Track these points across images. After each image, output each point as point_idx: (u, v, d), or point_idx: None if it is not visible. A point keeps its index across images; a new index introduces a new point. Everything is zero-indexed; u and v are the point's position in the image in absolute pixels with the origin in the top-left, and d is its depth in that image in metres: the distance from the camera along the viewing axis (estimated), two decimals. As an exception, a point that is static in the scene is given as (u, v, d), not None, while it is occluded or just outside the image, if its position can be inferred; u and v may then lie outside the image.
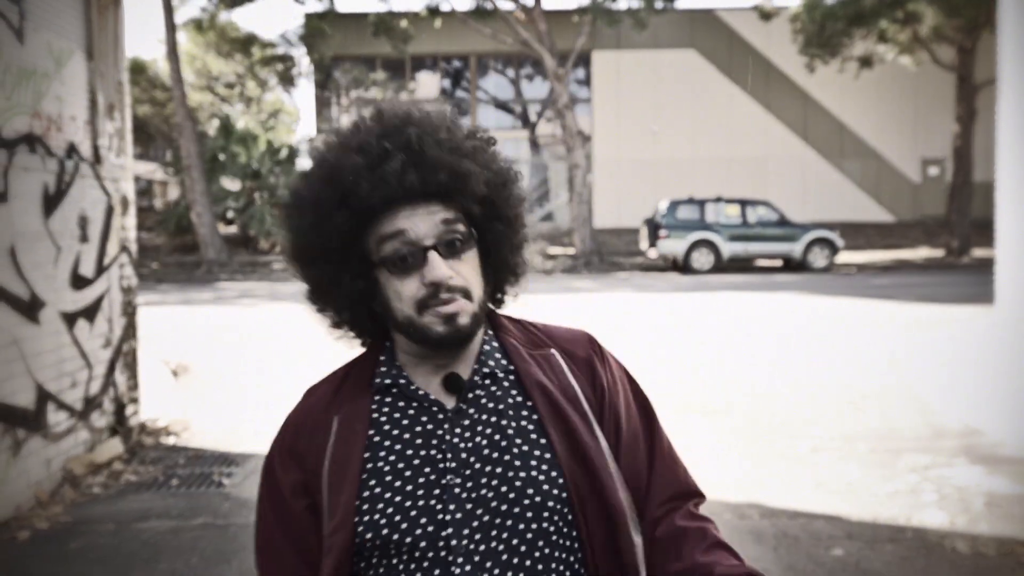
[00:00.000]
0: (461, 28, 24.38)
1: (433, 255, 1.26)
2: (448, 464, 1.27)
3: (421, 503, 1.25)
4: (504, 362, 1.37)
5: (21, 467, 4.96)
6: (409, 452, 1.29)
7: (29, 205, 5.14)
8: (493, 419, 1.31)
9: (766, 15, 24.31)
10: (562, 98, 22.32)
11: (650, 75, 28.41)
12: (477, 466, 1.27)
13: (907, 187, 29.04)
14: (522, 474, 1.27)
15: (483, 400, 1.33)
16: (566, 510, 1.27)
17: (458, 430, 1.30)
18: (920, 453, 5.94)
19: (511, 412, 1.32)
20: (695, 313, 13.17)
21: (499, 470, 1.27)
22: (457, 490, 1.26)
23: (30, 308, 5.11)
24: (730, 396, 7.73)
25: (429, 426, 1.30)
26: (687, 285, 17.84)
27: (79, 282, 5.74)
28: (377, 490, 1.26)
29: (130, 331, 6.46)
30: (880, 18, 21.21)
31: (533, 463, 1.28)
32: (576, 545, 1.28)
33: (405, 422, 1.31)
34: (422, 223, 1.27)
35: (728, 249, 20.39)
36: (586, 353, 1.41)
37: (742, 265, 21.28)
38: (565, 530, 1.27)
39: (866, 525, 4.65)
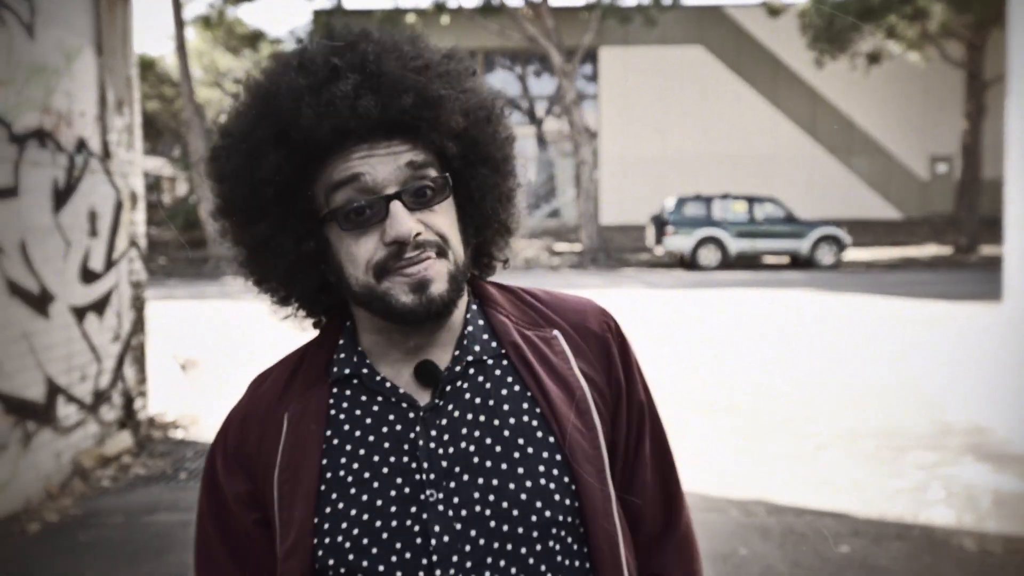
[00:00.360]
0: (468, 24, 24.34)
1: (396, 206, 1.00)
2: (425, 476, 1.03)
3: (395, 523, 1.02)
4: (493, 344, 1.11)
5: (31, 460, 5.00)
6: (376, 459, 1.04)
7: (39, 200, 5.17)
8: (481, 417, 1.06)
9: (774, 11, 24.24)
10: (569, 94, 22.31)
11: (657, 72, 28.36)
12: (465, 477, 1.03)
13: (915, 184, 28.94)
14: (528, 483, 1.03)
15: (466, 395, 1.08)
16: (578, 522, 1.05)
17: (434, 432, 1.05)
18: (927, 450, 5.93)
19: (506, 406, 1.07)
20: (701, 310, 13.16)
21: (495, 481, 1.03)
22: (441, 507, 1.02)
23: (40, 302, 5.15)
24: (736, 393, 7.73)
25: (398, 427, 1.06)
26: (694, 282, 17.82)
27: (88, 276, 5.77)
28: (340, 505, 1.03)
29: (139, 325, 6.50)
30: (889, 13, 21.12)
31: (541, 468, 1.04)
32: (588, 566, 1.06)
33: (368, 420, 1.07)
34: (382, 165, 1.01)
35: (735, 246, 20.36)
36: (599, 328, 1.16)
37: (749, 262, 21.25)
38: (575, 548, 1.05)
39: (872, 522, 4.65)
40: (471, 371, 1.09)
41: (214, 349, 10.10)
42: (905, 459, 5.75)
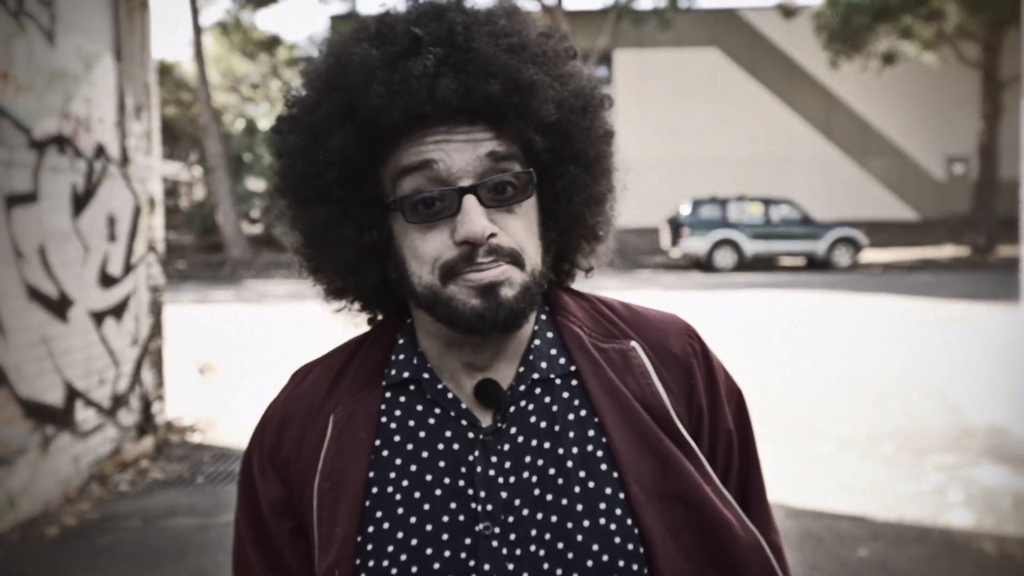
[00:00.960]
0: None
1: (470, 201, 0.90)
2: (483, 506, 0.93)
3: (448, 554, 0.92)
4: (563, 360, 1.00)
5: (50, 464, 5.04)
6: (428, 478, 0.95)
7: (58, 205, 5.22)
8: (546, 444, 0.96)
9: (788, 13, 24.17)
10: (583, 97, 22.28)
11: (672, 74, 28.31)
12: (524, 512, 0.93)
13: (932, 185, 28.74)
14: (585, 522, 0.93)
15: (531, 417, 0.97)
16: (646, 571, 0.92)
17: (494, 459, 0.95)
18: (946, 452, 5.89)
19: (571, 434, 0.97)
20: (718, 312, 13.11)
21: (553, 518, 0.93)
22: (496, 543, 0.92)
23: (59, 307, 5.19)
24: (754, 395, 7.69)
25: (455, 445, 0.96)
26: (710, 284, 17.76)
27: (107, 281, 5.82)
28: (385, 525, 0.94)
29: (157, 329, 6.54)
30: (904, 14, 21.01)
31: (602, 506, 0.94)
32: None
33: (422, 434, 0.97)
34: (459, 154, 0.90)
35: (751, 248, 20.28)
36: (682, 350, 1.03)
37: (765, 264, 21.16)
38: None
39: (892, 525, 4.62)
40: (537, 391, 0.99)
41: (230, 353, 10.16)
42: (924, 461, 5.71)
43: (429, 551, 0.92)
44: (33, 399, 4.89)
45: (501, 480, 0.95)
